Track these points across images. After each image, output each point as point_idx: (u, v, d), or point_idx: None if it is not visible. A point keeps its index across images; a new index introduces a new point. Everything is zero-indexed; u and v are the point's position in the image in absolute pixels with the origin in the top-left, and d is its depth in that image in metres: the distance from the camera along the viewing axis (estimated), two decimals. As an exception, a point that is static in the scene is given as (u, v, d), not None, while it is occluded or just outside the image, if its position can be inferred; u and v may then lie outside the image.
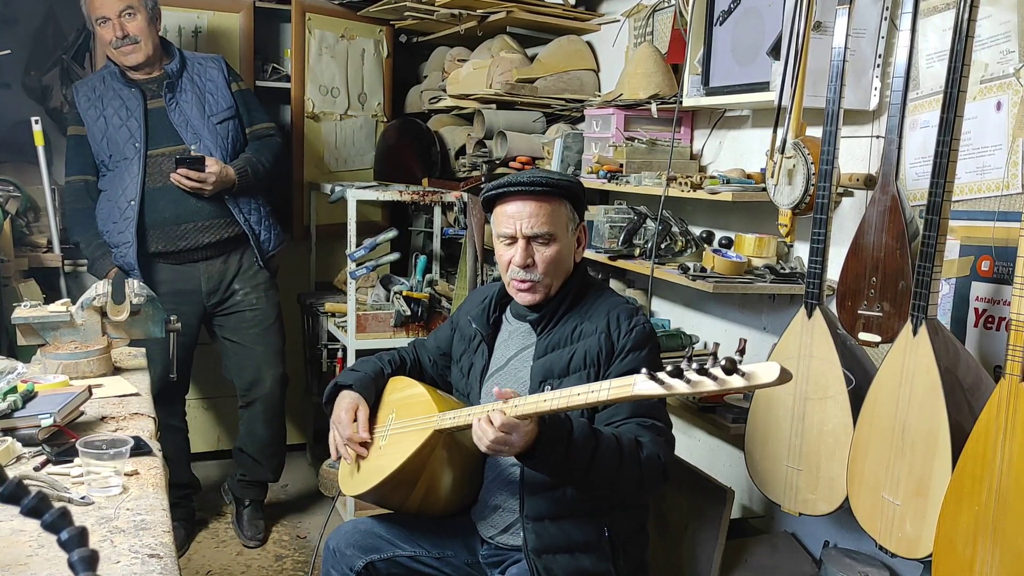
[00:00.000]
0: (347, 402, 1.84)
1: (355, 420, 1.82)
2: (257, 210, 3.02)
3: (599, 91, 3.12)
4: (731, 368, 1.17)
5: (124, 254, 2.85)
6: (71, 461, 1.47)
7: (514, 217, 1.72)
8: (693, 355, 1.23)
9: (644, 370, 1.28)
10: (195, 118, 2.91)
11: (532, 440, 1.47)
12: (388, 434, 1.80)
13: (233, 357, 3.09)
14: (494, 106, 3.28)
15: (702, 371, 1.20)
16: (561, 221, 1.74)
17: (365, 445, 1.81)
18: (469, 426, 1.65)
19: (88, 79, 2.99)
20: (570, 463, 1.50)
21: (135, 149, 2.85)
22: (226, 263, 2.99)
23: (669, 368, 1.24)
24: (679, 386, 1.24)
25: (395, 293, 3.24)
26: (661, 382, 1.25)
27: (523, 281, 1.74)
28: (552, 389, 1.67)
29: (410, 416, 1.76)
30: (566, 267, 1.78)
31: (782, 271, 2.20)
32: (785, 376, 1.15)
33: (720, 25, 2.36)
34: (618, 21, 3.05)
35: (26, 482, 1.15)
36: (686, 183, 2.26)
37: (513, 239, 1.73)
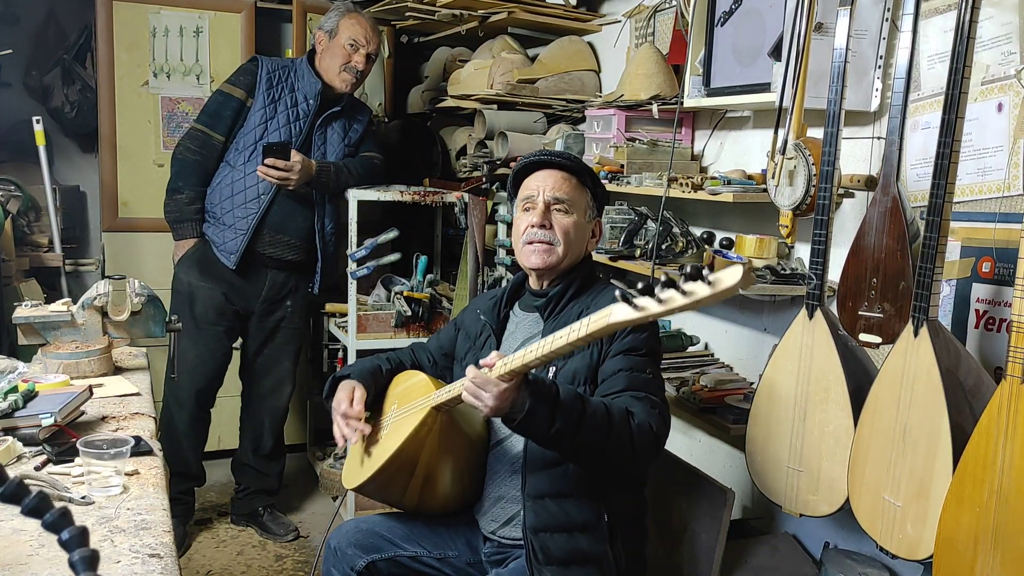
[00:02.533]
0: (344, 387, 1.87)
1: (352, 401, 1.83)
2: (333, 244, 3.16)
3: (600, 92, 3.12)
4: (695, 274, 1.16)
5: (232, 238, 2.94)
6: (72, 461, 1.47)
7: (539, 184, 1.83)
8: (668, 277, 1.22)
9: (617, 292, 1.29)
10: (333, 143, 3.06)
11: (510, 401, 1.47)
12: (390, 423, 1.82)
13: (259, 364, 3.16)
14: (495, 106, 3.28)
15: (670, 283, 1.20)
16: (581, 201, 1.84)
17: (368, 432, 1.82)
18: (462, 401, 1.67)
19: (275, 60, 3.05)
20: (557, 426, 1.49)
21: None
22: (288, 278, 3.10)
23: (640, 286, 1.25)
24: (651, 306, 1.23)
25: (396, 293, 3.24)
26: (635, 306, 1.25)
27: (540, 241, 1.80)
28: (557, 370, 1.73)
29: (410, 402, 1.79)
30: (578, 247, 1.83)
31: (783, 272, 2.20)
32: (748, 278, 1.13)
33: (721, 26, 2.36)
34: (619, 22, 3.05)
35: (27, 482, 1.15)
36: (687, 184, 2.26)
37: (533, 205, 1.82)
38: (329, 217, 3.11)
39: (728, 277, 1.12)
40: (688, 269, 1.16)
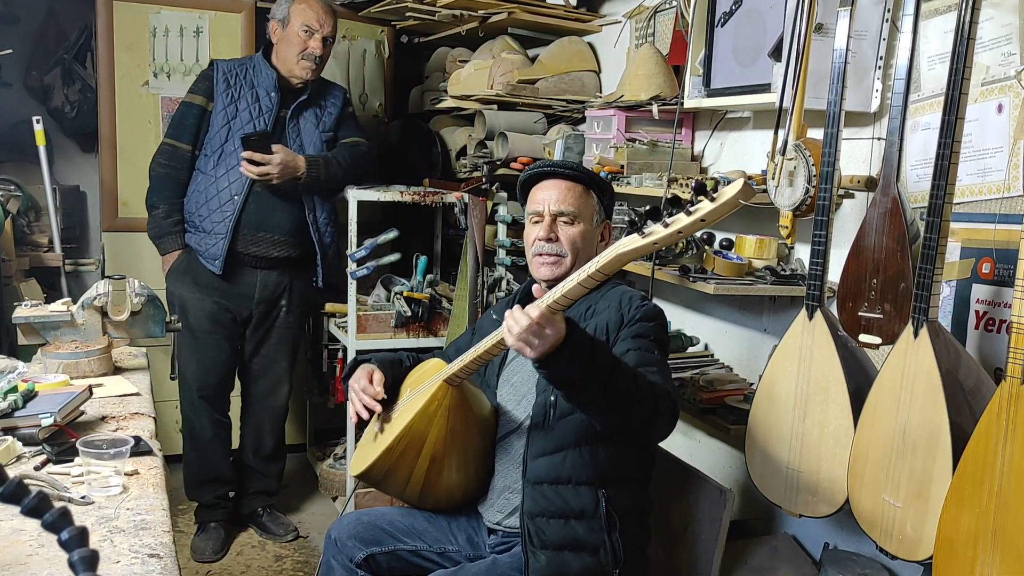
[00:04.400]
0: (363, 369, 1.90)
1: (372, 381, 1.86)
2: (331, 234, 3.09)
3: (600, 92, 3.12)
4: (700, 188, 1.20)
5: (213, 243, 2.89)
6: (71, 461, 1.47)
7: (545, 196, 1.85)
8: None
9: (627, 218, 1.30)
10: (308, 132, 3.00)
11: (562, 338, 1.42)
12: (401, 406, 1.83)
13: (256, 364, 3.13)
14: (495, 107, 3.28)
15: (675, 203, 1.24)
16: (587, 208, 1.86)
17: (383, 415, 1.84)
18: (474, 368, 1.69)
19: (229, 61, 3.00)
20: (593, 367, 1.47)
21: None
22: (281, 276, 3.04)
23: (648, 208, 1.26)
24: (659, 230, 1.24)
25: (396, 294, 3.24)
26: (643, 233, 1.27)
27: (547, 254, 1.83)
28: None
29: (421, 383, 1.81)
30: (587, 253, 1.84)
31: (783, 273, 2.20)
32: (748, 191, 1.16)
33: (721, 26, 2.36)
34: (619, 22, 3.05)
35: (26, 482, 1.15)
36: (687, 184, 2.26)
37: (541, 217, 1.84)
38: (320, 207, 3.03)
39: (729, 189, 1.17)
40: (693, 184, 1.20)
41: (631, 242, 1.29)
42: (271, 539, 3.16)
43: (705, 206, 1.19)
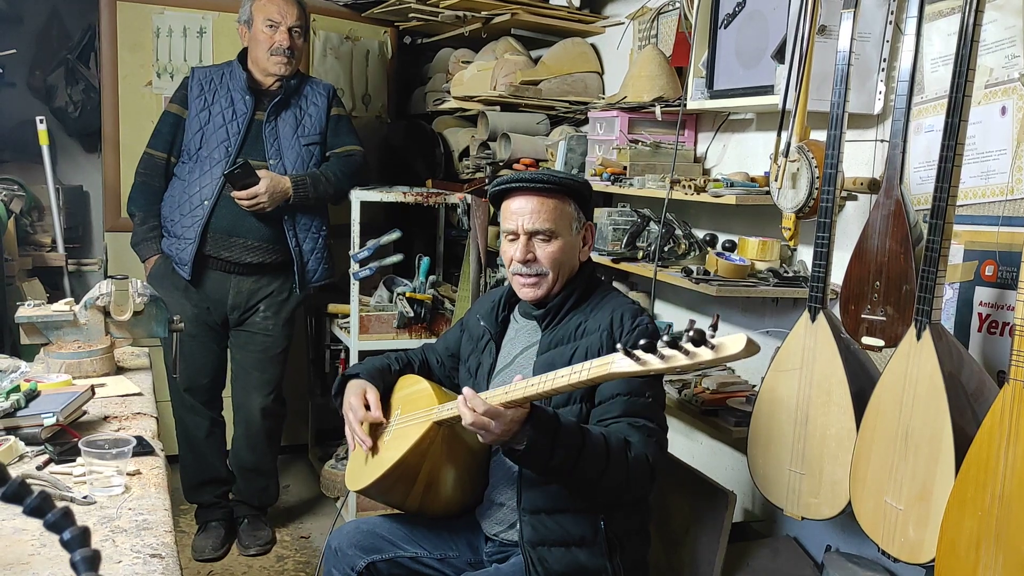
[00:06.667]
0: (356, 388, 1.87)
1: (366, 403, 1.84)
2: (314, 239, 3.02)
3: (603, 93, 3.12)
4: (699, 340, 1.21)
5: (183, 248, 2.87)
6: (73, 460, 1.47)
7: (517, 213, 1.76)
8: (672, 334, 1.25)
9: (619, 345, 1.31)
10: (286, 136, 2.93)
11: (516, 432, 1.48)
12: (393, 429, 1.81)
13: (233, 372, 3.10)
14: (498, 108, 3.28)
15: (674, 345, 1.24)
16: (564, 219, 1.77)
17: (375, 432, 1.83)
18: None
19: (207, 68, 2.99)
20: (556, 459, 1.51)
21: (226, 152, 2.85)
22: (257, 283, 2.98)
23: (644, 342, 1.27)
24: (653, 362, 1.26)
25: (398, 294, 3.24)
26: (637, 359, 1.28)
27: (525, 276, 1.77)
28: None
29: (414, 410, 1.79)
30: (570, 265, 1.80)
31: (785, 275, 2.20)
32: (752, 348, 1.17)
33: (724, 28, 2.36)
34: (622, 24, 3.05)
35: (29, 481, 1.15)
36: (690, 186, 2.26)
37: (516, 235, 1.77)
38: (300, 213, 2.96)
39: (731, 345, 1.19)
40: (692, 332, 1.21)
41: (624, 365, 1.30)
42: (241, 549, 3.07)
43: (705, 354, 1.21)
